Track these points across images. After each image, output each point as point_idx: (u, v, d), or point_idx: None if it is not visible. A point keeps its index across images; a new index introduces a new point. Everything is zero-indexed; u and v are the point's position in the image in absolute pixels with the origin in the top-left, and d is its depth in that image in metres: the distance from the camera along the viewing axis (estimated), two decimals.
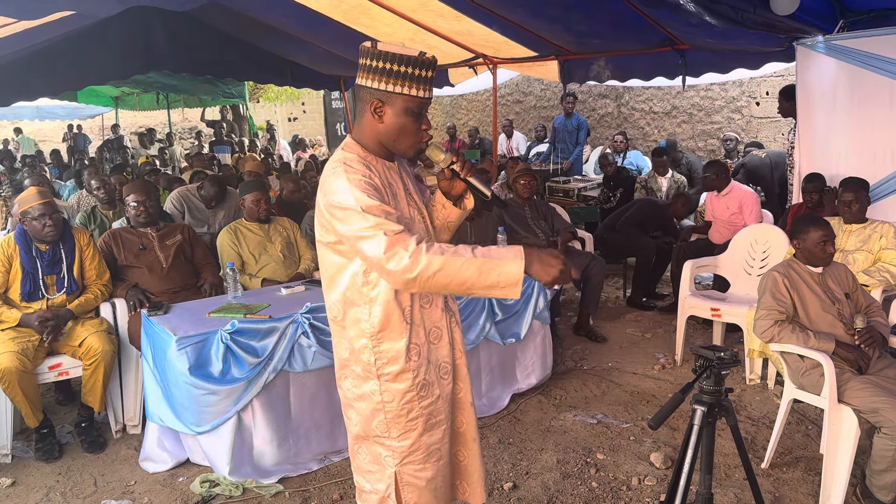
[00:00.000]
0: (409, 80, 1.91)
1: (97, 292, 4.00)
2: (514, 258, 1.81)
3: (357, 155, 1.98)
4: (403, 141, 1.99)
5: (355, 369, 2.07)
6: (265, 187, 4.82)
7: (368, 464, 2.15)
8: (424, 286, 1.82)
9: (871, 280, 4.00)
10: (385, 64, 1.90)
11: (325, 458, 3.62)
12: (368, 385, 2.05)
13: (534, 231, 5.47)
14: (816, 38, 4.92)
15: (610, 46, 6.77)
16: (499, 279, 1.81)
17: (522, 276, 1.81)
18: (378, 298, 1.98)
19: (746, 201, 5.59)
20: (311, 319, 3.47)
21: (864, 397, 2.99)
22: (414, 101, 1.93)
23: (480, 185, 2.06)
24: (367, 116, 1.98)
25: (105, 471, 3.62)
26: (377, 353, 2.02)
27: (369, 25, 7.12)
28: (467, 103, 16.02)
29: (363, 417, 2.10)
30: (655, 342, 5.28)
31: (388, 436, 2.07)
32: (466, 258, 1.80)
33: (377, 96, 1.94)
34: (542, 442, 3.79)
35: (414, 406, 2.06)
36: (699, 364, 2.14)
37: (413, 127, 1.97)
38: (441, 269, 1.79)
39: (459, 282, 1.81)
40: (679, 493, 2.13)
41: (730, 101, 10.65)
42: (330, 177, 1.94)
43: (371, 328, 2.00)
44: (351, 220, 1.85)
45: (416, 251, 1.78)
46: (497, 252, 1.83)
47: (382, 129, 1.98)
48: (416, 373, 2.04)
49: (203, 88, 12.09)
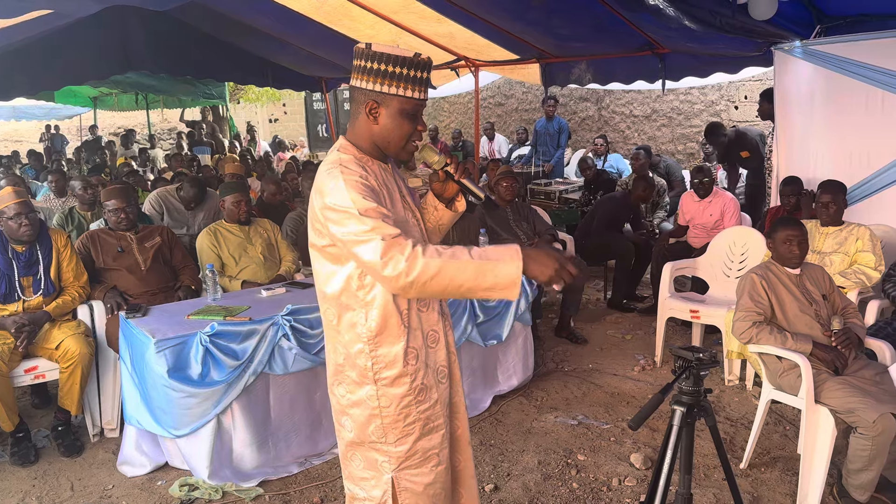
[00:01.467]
0: (404, 81, 1.89)
1: (74, 294, 3.95)
2: (512, 258, 1.78)
3: (353, 156, 1.96)
4: (397, 142, 1.97)
5: (350, 374, 2.02)
6: (245, 189, 4.79)
7: (363, 470, 2.10)
8: (422, 291, 1.79)
9: (847, 282, 4.05)
10: (380, 65, 1.88)
11: (306, 461, 3.60)
12: (364, 390, 2.01)
13: (515, 233, 5.48)
14: (794, 43, 4.99)
15: (591, 50, 6.81)
16: (496, 281, 1.78)
17: (521, 276, 1.78)
18: (375, 302, 1.94)
19: (728, 207, 5.65)
20: (292, 321, 3.45)
21: (841, 398, 3.02)
22: (409, 102, 1.92)
23: (474, 186, 2.05)
24: (361, 117, 1.96)
25: (82, 475, 3.57)
26: (374, 358, 1.98)
27: (351, 27, 7.11)
28: (449, 105, 16.04)
29: (358, 424, 2.05)
30: (635, 343, 5.32)
31: (384, 441, 2.03)
32: (463, 261, 1.77)
33: (372, 97, 1.92)
34: (524, 443, 3.79)
35: (411, 411, 2.02)
36: (678, 365, 2.16)
37: (408, 128, 1.95)
38: (438, 272, 1.75)
39: (457, 285, 1.78)
40: (659, 494, 2.14)
41: (709, 104, 10.75)
42: (325, 178, 1.90)
43: (368, 332, 1.97)
44: (346, 222, 1.81)
45: (412, 255, 1.75)
46: (494, 253, 1.80)
47: (377, 131, 1.96)
48: (414, 377, 2.01)
49: (182, 89, 12.01)
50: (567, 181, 8.88)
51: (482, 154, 10.95)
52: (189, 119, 16.12)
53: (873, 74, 4.58)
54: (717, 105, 10.62)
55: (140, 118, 17.73)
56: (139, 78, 10.76)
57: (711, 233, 5.47)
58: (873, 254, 4.09)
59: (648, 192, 6.36)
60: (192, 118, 16.17)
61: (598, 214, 6.43)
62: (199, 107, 15.15)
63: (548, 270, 1.79)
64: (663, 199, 7.17)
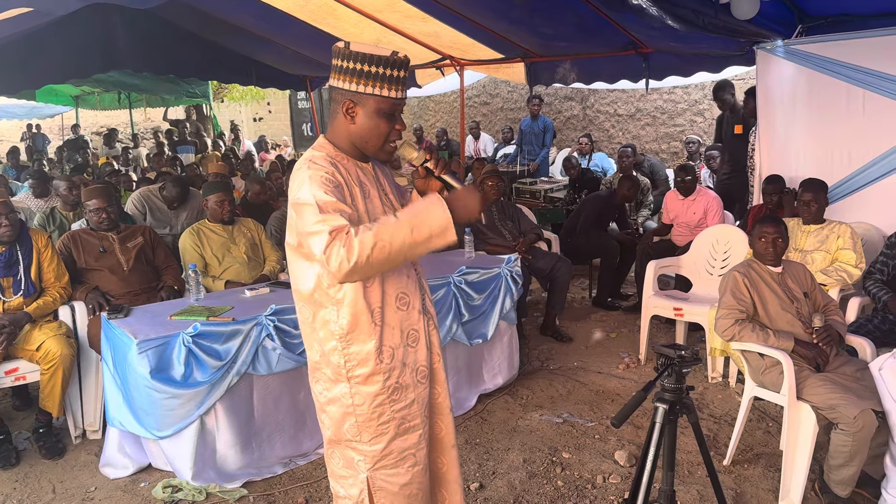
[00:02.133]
0: (380, 81, 1.89)
1: (55, 295, 3.92)
2: (436, 204, 1.82)
3: (326, 153, 1.96)
4: (374, 142, 1.97)
5: (326, 372, 2.04)
6: (229, 188, 4.76)
7: (341, 469, 2.12)
8: (370, 267, 1.79)
9: (828, 279, 4.09)
10: (356, 64, 1.88)
11: (290, 462, 3.58)
12: (339, 388, 2.02)
13: (500, 231, 5.49)
14: (776, 43, 5.03)
15: (575, 49, 6.83)
16: (431, 229, 1.80)
17: (450, 217, 1.81)
18: (345, 299, 1.95)
19: (711, 206, 5.69)
20: (276, 322, 3.43)
21: (822, 394, 3.05)
22: (386, 101, 1.92)
23: (455, 181, 2.03)
24: (339, 117, 1.97)
25: (64, 477, 3.54)
26: (347, 356, 1.98)
27: (335, 25, 7.08)
28: (434, 105, 16.03)
29: (334, 421, 2.06)
30: (620, 341, 5.34)
31: (359, 440, 2.04)
32: (394, 223, 1.79)
33: (349, 97, 1.92)
34: (509, 442, 3.80)
35: (385, 410, 2.02)
36: (661, 363, 2.17)
37: (385, 128, 1.95)
38: (375, 243, 1.76)
39: (398, 247, 1.78)
40: (642, 491, 2.15)
41: (692, 103, 10.81)
42: (295, 174, 1.92)
43: (340, 330, 1.97)
44: (305, 215, 1.83)
45: (347, 240, 1.76)
46: (418, 206, 1.84)
47: (354, 130, 1.96)
48: (388, 375, 2.01)
49: (166, 88, 11.91)
50: (552, 180, 8.91)
51: (468, 153, 10.95)
52: (173, 118, 15.99)
53: (854, 74, 4.62)
54: (701, 104, 10.68)
55: (123, 117, 17.57)
56: (121, 77, 10.66)
57: (695, 231, 5.50)
58: (854, 251, 4.13)
59: (633, 190, 6.38)
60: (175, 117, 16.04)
61: (583, 213, 6.45)
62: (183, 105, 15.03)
63: (472, 206, 1.87)
64: (647, 198, 7.21)
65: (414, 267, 2.13)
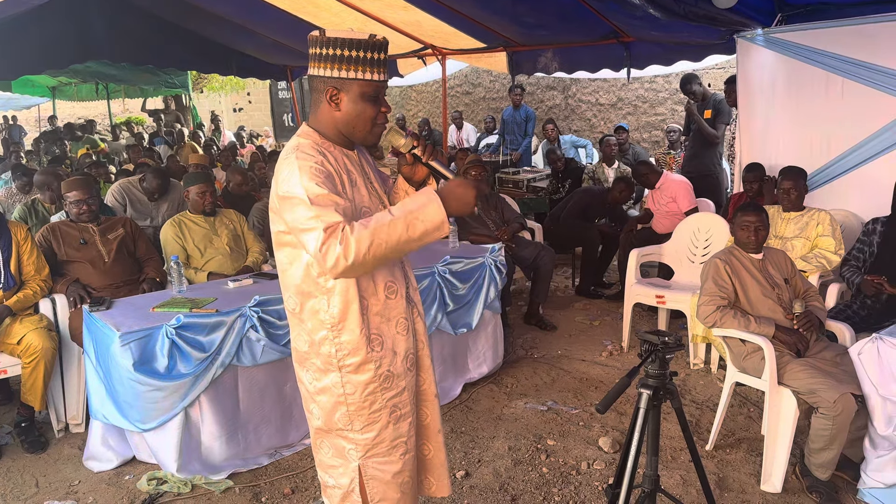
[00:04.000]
0: (362, 65, 1.87)
1: (36, 288, 3.87)
2: (431, 200, 1.81)
3: (312, 141, 1.94)
4: (362, 127, 1.95)
5: (315, 362, 2.02)
6: (210, 179, 4.73)
7: (331, 458, 2.11)
8: (366, 264, 1.78)
9: (808, 266, 4.14)
10: (336, 50, 1.86)
11: (276, 453, 3.58)
12: (329, 378, 2.01)
13: (484, 221, 5.50)
14: (756, 31, 5.05)
15: (557, 38, 6.82)
16: (426, 225, 1.80)
17: (444, 213, 1.81)
18: (336, 288, 1.94)
19: (678, 190, 5.75)
20: (260, 313, 3.42)
21: (803, 379, 3.09)
22: (370, 85, 1.90)
23: (443, 168, 2.02)
24: (323, 106, 1.94)
25: (47, 471, 3.51)
26: (338, 345, 1.97)
27: (315, 14, 7.03)
28: (417, 94, 15.98)
29: (325, 411, 2.05)
30: (603, 329, 5.37)
31: (350, 428, 2.03)
32: (389, 221, 1.78)
33: (332, 84, 1.90)
34: (494, 430, 3.82)
35: (377, 398, 2.02)
36: (644, 349, 2.18)
37: (371, 111, 1.93)
38: (372, 241, 1.75)
39: (394, 244, 1.78)
40: (626, 476, 2.17)
41: (673, 92, 10.85)
42: (282, 164, 1.89)
43: (331, 319, 1.96)
44: (296, 209, 1.81)
45: (343, 238, 1.74)
46: (413, 202, 1.83)
47: (340, 118, 1.94)
48: (379, 363, 2.01)
49: (144, 78, 11.78)
50: (535, 170, 8.91)
51: (450, 143, 10.93)
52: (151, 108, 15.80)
53: (833, 62, 4.66)
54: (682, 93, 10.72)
55: (101, 108, 17.36)
56: (99, 67, 10.52)
57: (671, 218, 5.56)
58: (833, 238, 4.18)
59: (626, 194, 6.39)
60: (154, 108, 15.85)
61: (571, 202, 6.49)
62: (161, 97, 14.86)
63: (468, 200, 1.86)
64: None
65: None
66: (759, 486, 3.22)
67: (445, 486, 2.33)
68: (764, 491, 3.18)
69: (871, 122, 4.54)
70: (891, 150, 4.48)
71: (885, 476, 2.92)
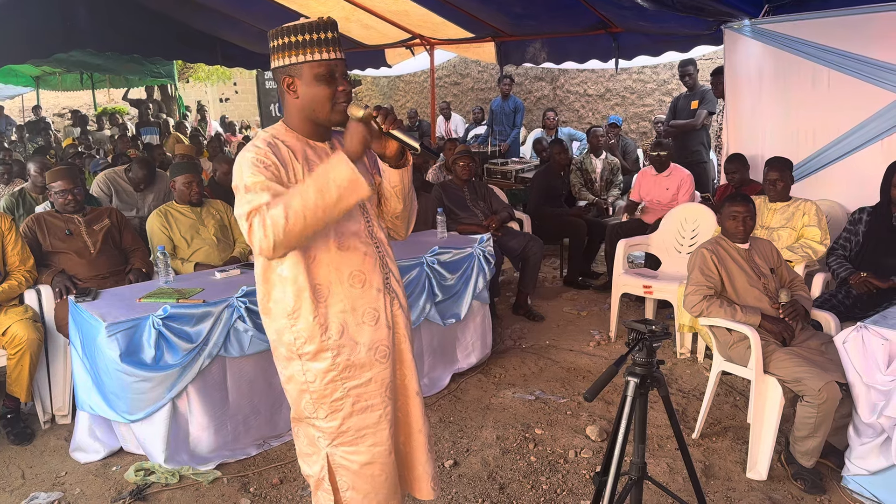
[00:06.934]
0: (309, 46, 1.88)
1: (21, 279, 3.84)
2: (337, 161, 1.80)
3: (270, 134, 1.97)
4: (321, 108, 1.94)
5: (281, 351, 2.06)
6: (196, 169, 4.69)
7: (306, 446, 2.14)
8: (291, 238, 1.79)
9: (794, 256, 4.17)
10: (285, 39, 1.89)
11: (265, 443, 3.58)
12: (293, 366, 2.04)
13: (472, 212, 5.50)
14: (743, 22, 5.06)
15: (545, 29, 6.82)
16: (339, 188, 1.78)
17: (355, 169, 1.79)
18: (289, 277, 1.96)
19: (684, 182, 5.78)
20: (248, 303, 3.40)
21: (788, 368, 3.12)
22: (320, 65, 1.90)
23: (405, 136, 1.93)
24: (286, 97, 1.97)
25: (34, 462, 3.50)
26: (295, 333, 2.00)
27: (303, 3, 6.98)
28: (405, 85, 15.92)
29: (293, 399, 2.09)
30: (591, 320, 5.39)
31: (316, 416, 2.06)
32: (299, 189, 1.79)
33: (286, 73, 1.93)
34: (482, 419, 3.83)
35: (337, 386, 2.03)
36: (632, 337, 2.19)
37: (326, 91, 1.92)
38: (287, 213, 1.76)
39: (311, 212, 1.78)
40: (614, 464, 2.18)
41: (661, 83, 10.87)
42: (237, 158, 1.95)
43: (287, 307, 1.99)
44: (238, 199, 1.85)
45: (260, 217, 1.78)
46: (322, 166, 1.83)
47: (300, 104, 1.95)
48: (337, 352, 2.00)
49: (129, 68, 11.67)
50: (523, 160, 8.92)
51: (439, 134, 10.91)
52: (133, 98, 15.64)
53: (820, 53, 4.68)
54: (669, 84, 10.74)
55: (86, 98, 17.18)
56: (84, 56, 10.40)
57: (667, 207, 5.58)
58: (819, 228, 4.21)
59: (563, 154, 6.56)
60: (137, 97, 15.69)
61: (533, 189, 6.54)
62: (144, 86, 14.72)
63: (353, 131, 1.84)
64: (617, 178, 7.24)
65: (375, 245, 2.08)
66: (744, 474, 3.25)
67: (426, 489, 2.28)
68: (749, 478, 3.21)
69: (857, 112, 4.57)
70: (876, 140, 4.51)
71: (868, 463, 2.96)
